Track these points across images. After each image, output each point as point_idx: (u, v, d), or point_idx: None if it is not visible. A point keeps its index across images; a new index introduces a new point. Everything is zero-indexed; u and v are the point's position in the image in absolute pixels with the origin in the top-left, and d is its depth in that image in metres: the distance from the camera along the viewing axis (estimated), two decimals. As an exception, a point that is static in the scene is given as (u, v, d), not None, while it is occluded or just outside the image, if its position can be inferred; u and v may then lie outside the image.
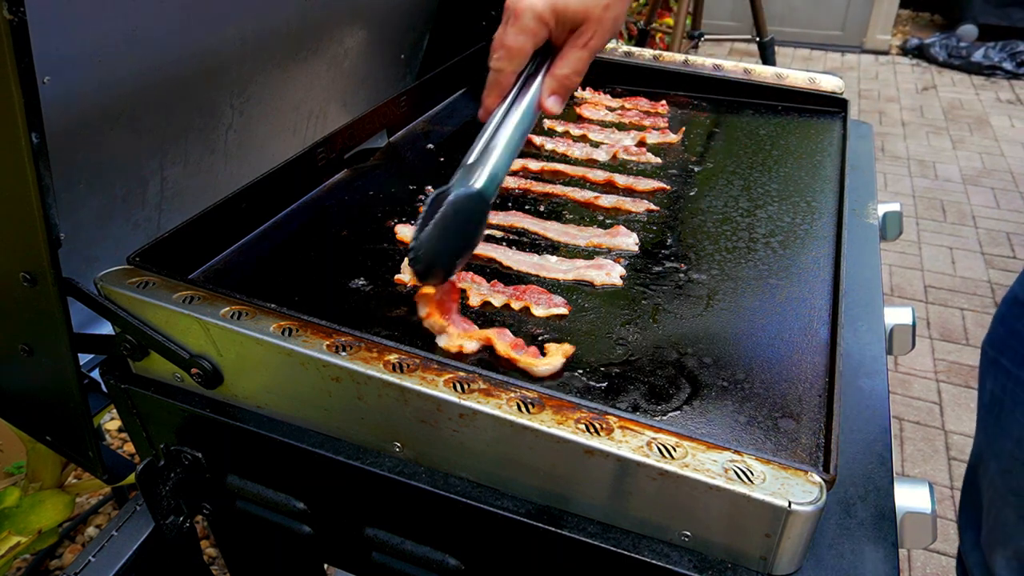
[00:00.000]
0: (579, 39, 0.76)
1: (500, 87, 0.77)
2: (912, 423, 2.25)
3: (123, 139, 0.88)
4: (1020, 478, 1.02)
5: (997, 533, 1.08)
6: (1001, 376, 1.04)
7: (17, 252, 0.63)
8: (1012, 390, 1.01)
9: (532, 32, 0.74)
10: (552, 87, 0.77)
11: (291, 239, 0.95)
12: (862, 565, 0.58)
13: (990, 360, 1.07)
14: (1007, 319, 1.04)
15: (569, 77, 0.77)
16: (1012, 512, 1.04)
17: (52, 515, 1.10)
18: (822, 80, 1.33)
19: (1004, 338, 1.04)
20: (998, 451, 1.06)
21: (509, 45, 0.75)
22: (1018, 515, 1.03)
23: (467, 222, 0.72)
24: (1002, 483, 1.06)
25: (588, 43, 0.76)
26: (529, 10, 0.73)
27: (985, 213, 3.40)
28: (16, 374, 0.75)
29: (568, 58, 0.77)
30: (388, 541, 0.71)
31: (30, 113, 0.54)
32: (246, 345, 0.67)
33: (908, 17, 6.36)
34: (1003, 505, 1.06)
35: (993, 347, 1.07)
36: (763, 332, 0.78)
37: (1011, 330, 1.02)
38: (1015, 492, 1.03)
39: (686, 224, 0.99)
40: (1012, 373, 1.01)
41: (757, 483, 0.53)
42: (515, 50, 0.75)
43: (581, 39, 0.76)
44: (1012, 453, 1.03)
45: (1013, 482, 1.03)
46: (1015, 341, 1.01)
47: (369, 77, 1.40)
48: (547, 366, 0.72)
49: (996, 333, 1.07)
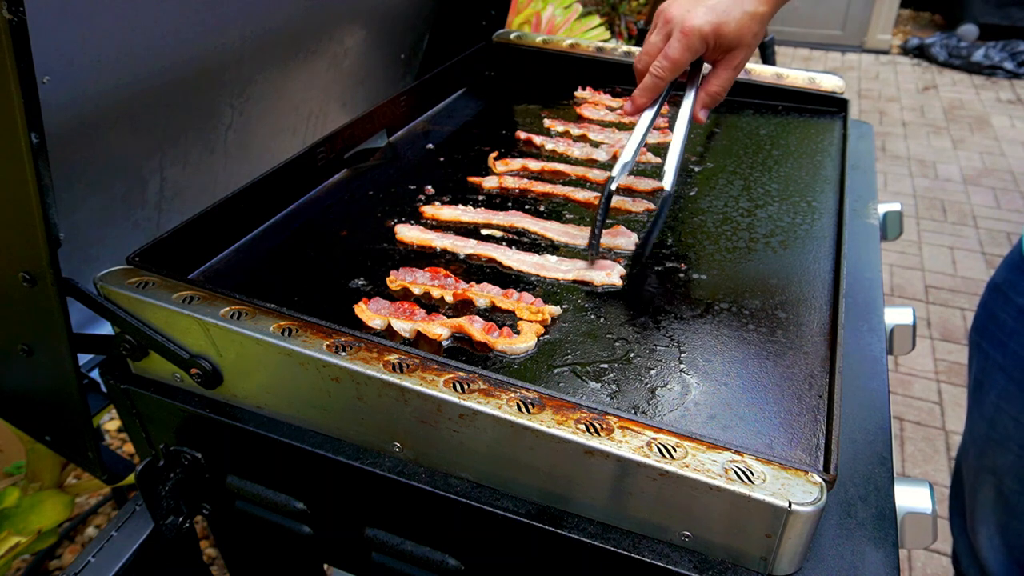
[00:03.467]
0: (731, 61, 0.88)
1: (655, 91, 0.89)
2: (912, 423, 2.25)
3: (123, 139, 0.88)
4: (995, 456, 1.05)
5: (978, 513, 1.11)
6: (982, 359, 1.07)
7: (17, 252, 0.63)
8: (989, 372, 1.04)
9: (695, 51, 0.85)
10: (705, 102, 0.90)
11: (291, 239, 0.95)
12: (862, 565, 0.58)
13: (974, 345, 1.11)
14: (988, 304, 1.07)
15: (719, 94, 0.90)
16: (991, 490, 1.07)
17: (52, 515, 1.10)
18: (822, 80, 1.33)
19: (985, 323, 1.07)
20: (976, 434, 1.10)
21: (674, 58, 0.85)
22: (996, 491, 1.06)
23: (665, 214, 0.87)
24: (979, 463, 1.09)
25: (738, 64, 0.88)
26: (697, 32, 0.83)
27: (985, 213, 3.40)
28: (16, 374, 0.75)
29: (720, 76, 0.89)
30: (388, 541, 0.71)
31: (30, 113, 0.54)
32: (246, 345, 0.67)
33: (908, 17, 6.36)
34: (981, 484, 1.09)
35: (976, 332, 1.10)
36: (763, 332, 0.78)
37: (990, 314, 1.06)
38: (991, 470, 1.06)
39: (686, 224, 0.99)
40: (990, 355, 1.04)
41: (757, 483, 0.53)
42: (679, 63, 0.86)
43: (733, 61, 0.88)
44: (987, 434, 1.06)
45: (988, 460, 1.07)
46: (994, 326, 1.04)
47: (369, 77, 1.40)
48: (523, 343, 0.73)
49: (979, 318, 1.10)
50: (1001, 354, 1.01)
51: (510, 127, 1.28)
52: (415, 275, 0.85)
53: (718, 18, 0.83)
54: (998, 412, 1.02)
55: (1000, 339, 1.02)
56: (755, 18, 0.84)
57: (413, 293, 0.83)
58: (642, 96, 0.89)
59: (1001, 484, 1.04)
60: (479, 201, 1.04)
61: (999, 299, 1.03)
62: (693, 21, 0.83)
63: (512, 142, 1.23)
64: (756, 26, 0.85)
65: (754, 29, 0.85)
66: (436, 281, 0.83)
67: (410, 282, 0.83)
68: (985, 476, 1.08)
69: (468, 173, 1.11)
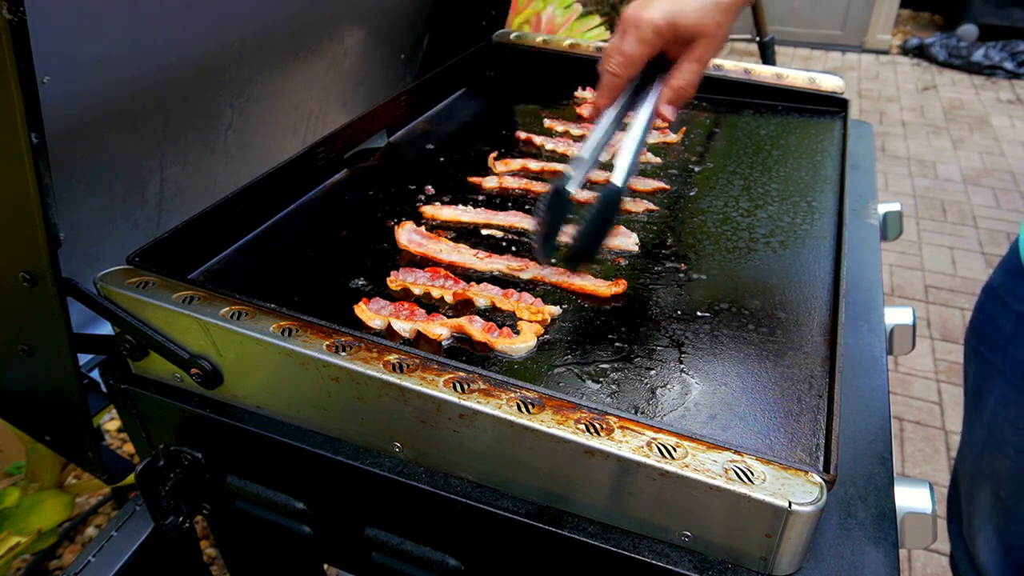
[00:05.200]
0: (693, 52, 0.81)
1: (614, 90, 0.84)
2: (912, 423, 2.25)
3: (123, 139, 0.88)
4: (993, 460, 1.04)
5: (976, 518, 1.11)
6: (980, 364, 1.06)
7: (17, 252, 0.63)
8: (988, 376, 1.04)
9: (650, 43, 0.80)
10: (668, 96, 0.83)
11: (291, 239, 0.95)
12: (862, 565, 0.58)
13: (971, 350, 1.10)
14: (985, 308, 1.06)
15: (684, 88, 0.83)
16: (988, 494, 1.07)
17: (52, 515, 1.10)
18: (822, 80, 1.33)
19: (982, 327, 1.06)
20: (973, 438, 1.09)
21: (628, 53, 0.81)
22: (994, 496, 1.06)
23: (612, 215, 0.82)
24: (976, 468, 1.08)
25: (702, 56, 0.82)
26: (650, 23, 0.79)
27: (985, 213, 3.40)
28: (16, 374, 0.75)
29: (683, 70, 0.82)
30: (388, 541, 0.71)
31: (30, 113, 0.54)
32: (246, 345, 0.67)
33: (908, 17, 6.36)
34: (979, 489, 1.09)
35: (974, 337, 1.09)
36: (763, 332, 0.78)
37: (988, 319, 1.05)
38: (989, 475, 1.06)
39: (686, 224, 0.99)
40: (988, 360, 1.03)
41: (757, 483, 0.53)
42: (633, 58, 0.81)
43: (695, 53, 0.81)
44: (984, 439, 1.05)
45: (985, 465, 1.06)
46: (992, 330, 1.03)
47: (369, 77, 1.40)
48: (523, 343, 0.74)
49: (976, 323, 1.09)
50: (1000, 359, 1.01)
51: (510, 127, 1.28)
52: (415, 275, 0.85)
53: (673, 8, 0.79)
54: (996, 417, 1.02)
55: (999, 344, 1.01)
56: (718, 6, 0.79)
57: (413, 293, 0.83)
58: (601, 97, 0.85)
59: (999, 489, 1.04)
60: (479, 201, 1.04)
61: (997, 304, 1.02)
62: (646, 13, 0.79)
63: (512, 142, 1.23)
64: (719, 15, 0.79)
65: (717, 18, 0.79)
66: (436, 281, 0.83)
67: (410, 282, 0.83)
68: (982, 481, 1.08)
69: (468, 173, 1.11)
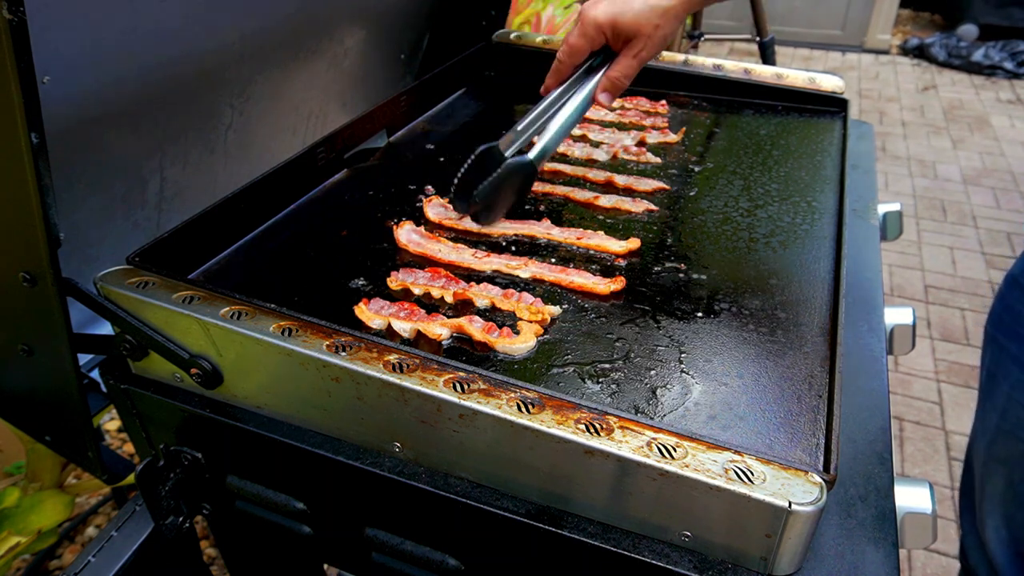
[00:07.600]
0: (631, 50, 0.92)
1: (558, 75, 0.96)
2: (912, 423, 2.25)
3: (123, 139, 0.88)
4: (1005, 446, 1.06)
5: (987, 504, 1.12)
6: (995, 351, 1.08)
7: (17, 252, 0.63)
8: (1003, 363, 1.05)
9: (590, 37, 0.92)
10: (604, 85, 0.95)
11: (291, 239, 0.95)
12: (862, 565, 0.58)
13: (989, 337, 1.12)
14: (1005, 297, 1.09)
15: (619, 79, 0.94)
16: (1000, 480, 1.08)
17: (52, 515, 1.10)
18: (822, 80, 1.33)
19: (1000, 314, 1.09)
20: (987, 425, 1.10)
21: (572, 44, 0.93)
22: (1006, 482, 1.07)
23: (520, 184, 0.91)
24: (989, 454, 1.10)
25: (638, 54, 0.92)
26: (592, 20, 0.90)
27: (985, 213, 3.40)
28: (16, 374, 0.75)
29: (620, 64, 0.93)
30: (388, 541, 0.71)
31: (30, 113, 0.53)
32: (246, 345, 0.67)
33: (908, 17, 6.36)
34: (991, 475, 1.10)
35: (992, 324, 1.12)
36: (763, 332, 0.78)
37: (1007, 307, 1.07)
38: (1001, 460, 1.07)
39: (686, 224, 0.99)
40: (1004, 347, 1.06)
41: (757, 483, 0.53)
42: (574, 47, 0.93)
43: (632, 50, 0.92)
44: (997, 424, 1.07)
45: (998, 451, 1.07)
46: (1009, 317, 1.05)
47: (369, 77, 1.40)
48: (523, 343, 0.74)
49: (995, 310, 1.12)
50: (1016, 346, 1.02)
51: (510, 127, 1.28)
52: (415, 275, 0.85)
53: (615, 9, 0.89)
54: (1010, 402, 1.03)
55: (1016, 331, 1.03)
56: (655, 11, 0.88)
57: (413, 293, 0.83)
58: (548, 79, 0.97)
59: (1011, 475, 1.05)
60: (479, 201, 1.04)
61: (1016, 291, 1.05)
62: (592, 11, 0.90)
63: (512, 142, 1.22)
64: (658, 19, 0.88)
65: (655, 21, 0.88)
66: (436, 281, 0.83)
67: (410, 282, 0.83)
68: (995, 467, 1.09)
69: (468, 173, 1.11)
